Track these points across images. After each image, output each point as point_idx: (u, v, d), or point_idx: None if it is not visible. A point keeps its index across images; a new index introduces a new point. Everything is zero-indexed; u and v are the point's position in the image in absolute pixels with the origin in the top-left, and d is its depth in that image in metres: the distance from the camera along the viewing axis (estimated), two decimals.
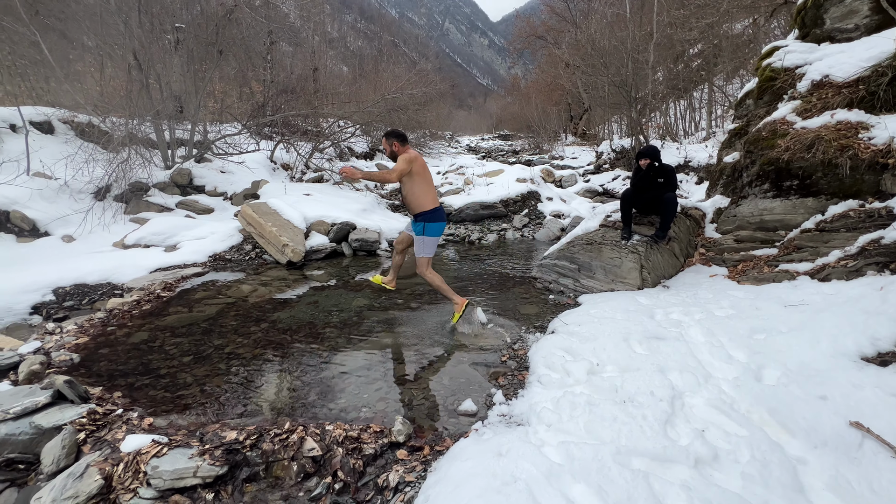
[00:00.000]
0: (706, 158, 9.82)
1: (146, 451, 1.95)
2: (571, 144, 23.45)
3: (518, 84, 37.92)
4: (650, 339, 2.85)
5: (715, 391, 2.21)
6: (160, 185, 8.13)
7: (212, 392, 2.72)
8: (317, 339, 3.54)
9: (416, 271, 3.64)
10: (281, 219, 6.28)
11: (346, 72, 30.04)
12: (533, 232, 8.78)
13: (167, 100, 8.88)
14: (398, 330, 3.71)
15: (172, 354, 3.23)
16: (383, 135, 3.49)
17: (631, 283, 4.27)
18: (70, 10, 11.10)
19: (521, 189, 9.84)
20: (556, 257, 5.04)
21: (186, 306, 4.21)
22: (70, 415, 2.23)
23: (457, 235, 8.24)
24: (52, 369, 2.78)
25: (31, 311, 4.29)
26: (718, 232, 4.85)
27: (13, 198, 6.00)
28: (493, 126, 46.64)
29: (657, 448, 1.82)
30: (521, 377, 2.77)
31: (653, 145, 4.45)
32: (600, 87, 17.32)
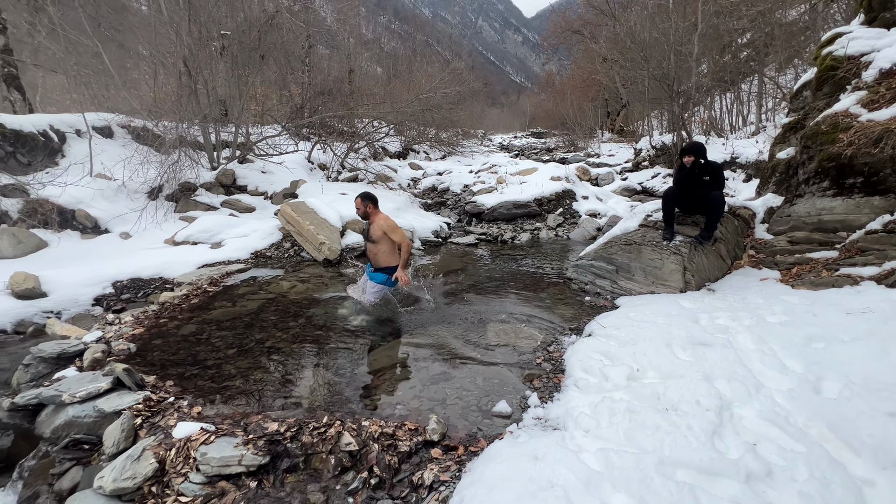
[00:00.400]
0: (755, 154, 9.27)
1: (195, 438, 2.06)
2: (608, 141, 22.77)
3: (552, 80, 37.21)
4: (695, 344, 2.72)
5: (767, 402, 2.08)
6: (206, 185, 8.56)
7: (254, 384, 2.83)
8: (351, 335, 3.61)
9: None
10: (318, 217, 6.46)
11: (380, 73, 30.52)
12: (567, 231, 8.59)
13: (213, 104, 9.34)
14: (430, 329, 3.72)
15: (218, 347, 3.39)
16: (359, 195, 3.86)
17: (673, 285, 4.09)
18: (127, 22, 11.89)
19: (555, 187, 9.64)
20: (593, 258, 4.90)
21: (230, 301, 4.41)
22: (128, 401, 2.38)
23: (489, 235, 8.19)
24: (111, 357, 2.99)
25: (94, 302, 4.63)
26: (770, 233, 4.56)
27: (79, 197, 6.49)
28: (526, 124, 46.07)
29: (704, 460, 1.73)
30: (556, 380, 2.72)
31: (698, 142, 4.24)
32: (639, 82, 16.70)
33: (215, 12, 9.92)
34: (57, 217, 6.18)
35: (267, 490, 1.94)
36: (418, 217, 8.19)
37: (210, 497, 1.86)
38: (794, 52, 11.97)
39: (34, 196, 6.24)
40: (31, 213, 6.02)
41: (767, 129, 10.93)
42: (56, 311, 4.34)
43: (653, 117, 20.32)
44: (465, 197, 10.65)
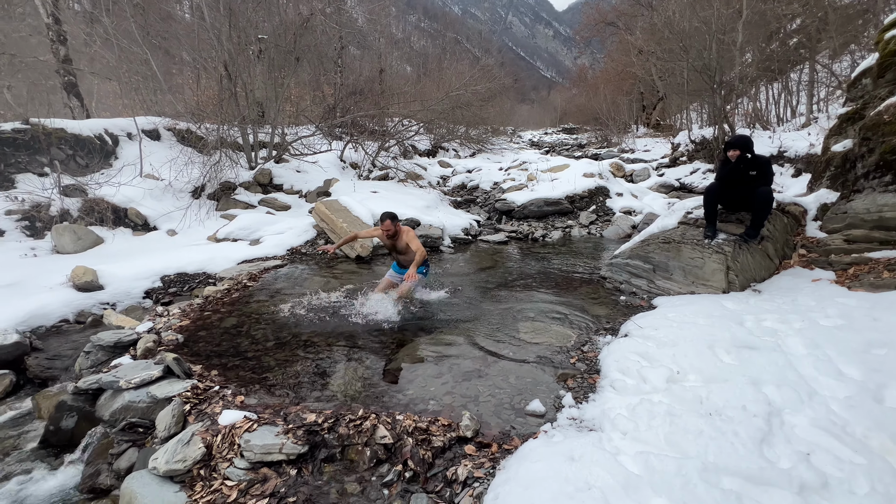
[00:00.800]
0: (806, 147, 8.71)
1: (240, 425, 2.15)
2: (643, 136, 22.04)
3: (585, 74, 36.31)
4: (740, 347, 2.59)
5: (822, 410, 1.96)
6: (245, 184, 8.91)
7: (291, 375, 2.93)
8: (383, 331, 3.67)
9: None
10: (351, 215, 6.59)
11: (410, 72, 30.75)
12: (601, 229, 8.39)
13: (251, 106, 9.69)
14: (461, 326, 3.73)
15: (257, 339, 3.53)
16: (385, 218, 4.10)
17: (714, 285, 3.92)
18: (172, 30, 12.49)
19: (588, 184, 9.43)
20: (629, 256, 4.77)
21: (268, 296, 4.58)
22: (178, 388, 2.52)
23: (519, 232, 8.11)
24: (161, 347, 3.17)
25: (144, 295, 4.92)
26: (823, 231, 4.29)
27: (130, 196, 6.91)
28: (556, 120, 45.23)
29: (752, 468, 1.65)
30: (591, 380, 2.66)
31: (744, 135, 4.03)
32: (678, 74, 16.03)
33: (253, 17, 10.29)
34: (111, 215, 6.60)
35: (306, 478, 2.00)
36: (448, 215, 8.21)
37: (253, 482, 1.94)
38: (850, 37, 11.16)
39: (91, 195, 6.69)
40: (89, 211, 6.46)
41: (819, 120, 10.25)
42: (111, 303, 4.65)
43: (692, 110, 19.47)
44: (495, 194, 10.59)
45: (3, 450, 2.80)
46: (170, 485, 1.94)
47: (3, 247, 5.62)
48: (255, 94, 10.25)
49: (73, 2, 14.06)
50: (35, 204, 6.22)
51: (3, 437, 2.98)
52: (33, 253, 5.65)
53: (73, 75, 11.39)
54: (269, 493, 1.89)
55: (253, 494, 1.89)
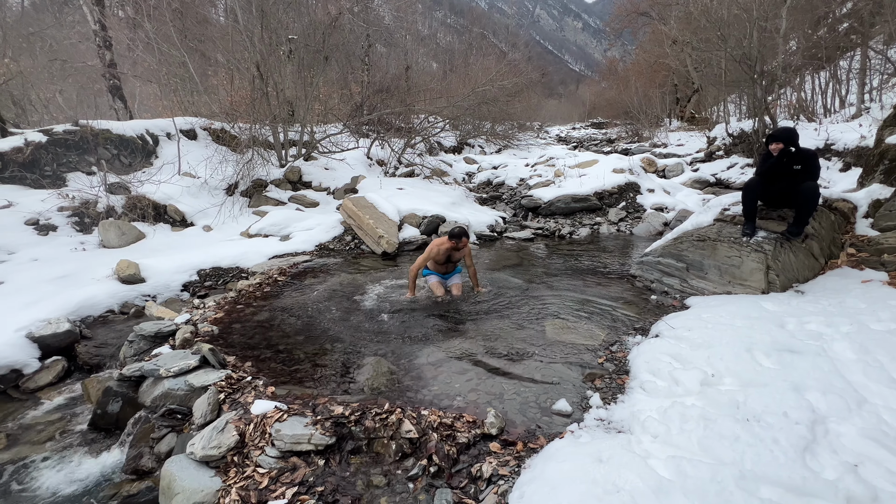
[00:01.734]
0: (856, 140, 8.17)
1: (271, 415, 2.22)
2: (677, 130, 21.24)
3: (615, 67, 35.29)
4: (780, 351, 2.46)
5: (872, 420, 1.84)
6: (275, 181, 9.16)
7: (320, 368, 3.00)
8: (409, 326, 3.70)
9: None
10: (377, 212, 6.67)
11: (436, 68, 30.74)
12: (630, 226, 8.16)
13: (282, 105, 9.94)
14: (486, 323, 3.71)
15: (288, 332, 3.63)
16: (461, 235, 4.28)
17: (753, 285, 3.74)
18: (208, 33, 12.94)
19: (617, 180, 9.18)
20: (660, 254, 4.61)
21: (298, 290, 4.70)
22: (213, 377, 2.63)
23: (546, 229, 7.99)
24: (198, 338, 3.31)
25: (182, 288, 5.15)
26: (876, 229, 4.01)
27: (169, 194, 7.24)
28: (585, 114, 44.21)
29: (793, 478, 1.57)
30: (620, 381, 2.60)
31: (788, 127, 3.81)
32: (714, 64, 15.35)
33: (284, 18, 10.53)
34: (152, 211, 6.93)
35: (333, 469, 2.05)
36: (473, 212, 8.18)
37: (283, 471, 2.00)
38: None
39: (134, 193, 7.05)
40: (132, 207, 6.81)
41: (872, 110, 9.59)
42: (152, 295, 4.89)
43: (729, 102, 18.62)
44: (521, 191, 10.46)
45: (55, 431, 3.00)
46: (206, 469, 2.03)
47: (56, 241, 6.00)
48: (285, 93, 10.52)
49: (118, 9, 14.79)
50: (84, 201, 6.60)
51: (55, 419, 3.20)
52: (82, 247, 6.00)
53: (117, 79, 11.99)
54: (298, 482, 1.94)
55: (283, 482, 1.95)
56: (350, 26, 13.94)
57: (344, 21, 11.26)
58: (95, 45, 11.79)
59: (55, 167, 7.86)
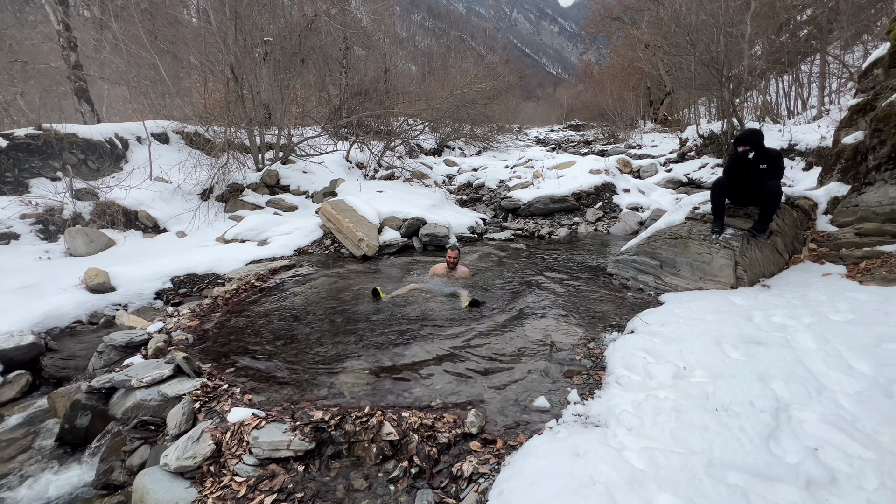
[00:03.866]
0: (817, 140, 8.58)
1: (248, 423, 2.19)
2: (651, 132, 21.82)
3: (591, 70, 36.02)
4: (748, 343, 2.57)
5: (831, 406, 1.94)
6: (252, 185, 8.99)
7: (299, 373, 2.96)
8: (389, 329, 3.69)
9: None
10: (357, 215, 6.63)
11: (415, 71, 30.74)
12: (608, 226, 8.34)
13: (258, 108, 9.78)
14: (466, 325, 3.74)
15: (266, 339, 3.57)
16: (455, 248, 5.04)
17: (723, 281, 3.88)
18: (180, 34, 12.63)
19: (594, 181, 9.38)
20: (635, 252, 4.74)
21: (276, 295, 4.63)
22: (188, 386, 2.57)
23: (525, 230, 8.09)
24: (172, 347, 3.22)
25: (155, 296, 5.01)
26: (834, 224, 4.22)
27: (140, 199, 7.02)
28: (563, 116, 44.93)
29: (758, 464, 1.64)
30: (597, 377, 2.66)
31: (754, 129, 3.97)
32: (685, 68, 15.85)
33: (259, 20, 10.37)
34: (122, 218, 6.71)
35: (313, 474, 2.03)
36: (454, 213, 8.22)
37: (262, 478, 1.97)
38: (862, 27, 10.95)
39: (103, 199, 6.81)
40: (101, 214, 6.57)
41: (831, 112, 10.08)
42: (123, 304, 4.74)
43: (700, 105, 19.25)
44: (501, 192, 10.57)
45: (20, 448, 2.87)
46: (180, 480, 1.98)
47: (19, 250, 5.74)
48: (261, 96, 10.35)
49: (83, 8, 14.28)
50: (48, 208, 6.34)
51: (19, 435, 3.06)
52: (47, 256, 5.76)
53: (83, 81, 11.56)
54: (277, 489, 1.92)
55: (261, 490, 1.92)
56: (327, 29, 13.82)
57: (321, 23, 11.15)
58: (59, 46, 11.36)
59: (17, 173, 7.52)
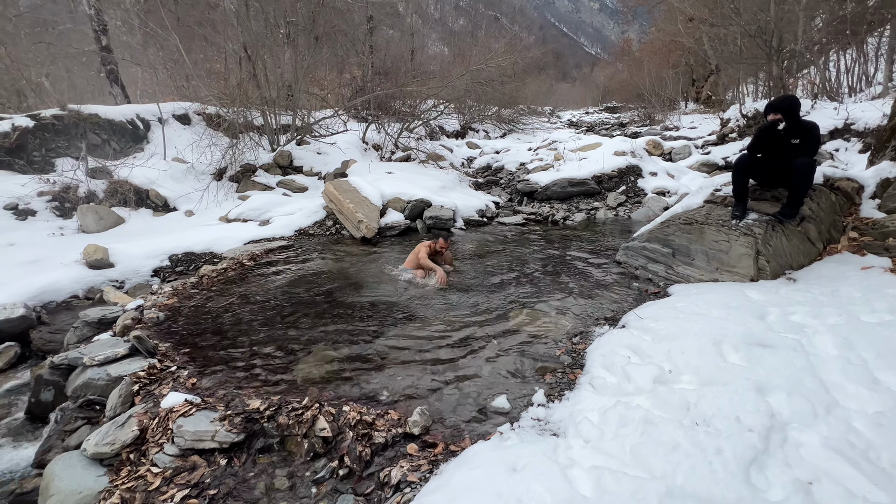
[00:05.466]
0: (877, 119, 7.59)
1: (177, 409, 2.06)
2: (692, 112, 20.39)
3: (629, 48, 34.01)
4: (752, 345, 2.18)
5: (840, 428, 1.57)
6: (265, 166, 8.99)
7: (261, 357, 2.81)
8: (368, 315, 3.49)
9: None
10: (359, 196, 6.45)
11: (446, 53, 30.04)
12: (629, 211, 7.78)
13: (272, 88, 9.72)
14: (452, 312, 3.49)
15: (241, 319, 3.46)
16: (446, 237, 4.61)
17: (741, 272, 3.42)
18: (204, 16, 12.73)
19: (618, 163, 8.76)
20: (647, 239, 4.30)
21: (264, 276, 4.53)
22: (135, 367, 2.48)
23: (539, 214, 7.66)
24: (140, 325, 3.17)
25: (152, 273, 5.04)
26: (883, 210, 3.63)
27: (151, 178, 7.13)
28: (598, 98, 43.04)
29: (729, 497, 1.32)
30: (571, 376, 2.36)
31: (789, 96, 3.42)
32: (731, 41, 14.53)
33: None
34: (133, 196, 6.84)
35: (236, 469, 1.87)
36: (464, 196, 7.89)
37: (180, 470, 1.84)
38: None
39: (116, 178, 6.96)
40: (113, 192, 6.73)
41: None
42: (120, 281, 4.79)
43: (749, 83, 17.70)
44: (519, 175, 10.14)
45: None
46: (96, 468, 1.88)
47: (34, 226, 5.95)
48: (284, 76, 10.28)
49: None
50: (65, 186, 6.54)
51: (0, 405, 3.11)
52: (61, 232, 5.95)
53: (114, 64, 11.92)
54: (192, 483, 1.77)
55: (176, 483, 1.78)
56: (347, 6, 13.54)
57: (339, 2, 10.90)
58: (92, 31, 11.70)
59: (44, 152, 7.82)
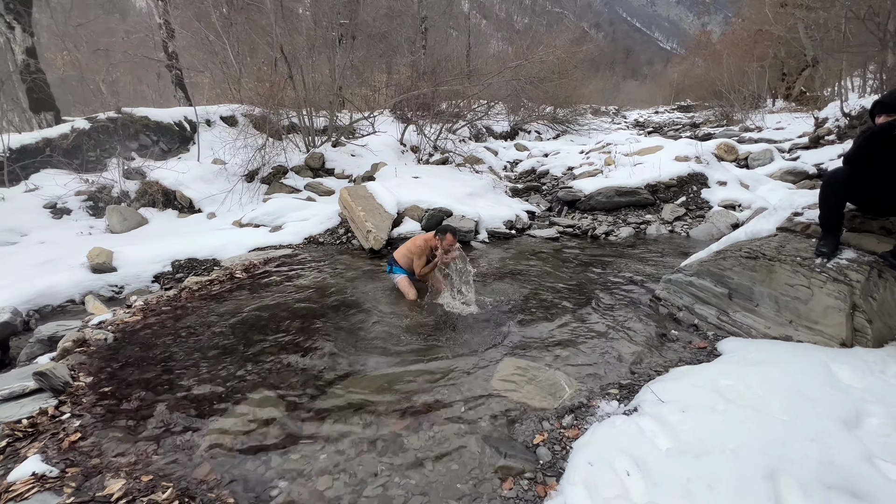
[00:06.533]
0: None
1: (16, 488, 1.64)
2: (780, 111, 17.85)
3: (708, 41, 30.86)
4: (831, 490, 1.34)
5: None
6: (296, 168, 8.88)
7: (185, 406, 2.37)
8: (332, 351, 2.96)
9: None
10: (373, 203, 6.00)
11: (511, 52, 29.17)
12: (688, 227, 6.63)
13: (309, 90, 9.63)
14: (430, 354, 2.86)
15: (201, 345, 3.07)
16: (448, 231, 3.63)
17: (827, 332, 2.45)
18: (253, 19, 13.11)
19: (678, 170, 7.57)
20: (695, 272, 3.36)
21: (251, 291, 4.19)
22: (25, 412, 2.15)
23: (577, 227, 6.75)
24: (81, 348, 2.89)
25: (153, 279, 4.93)
26: None
27: (180, 180, 7.22)
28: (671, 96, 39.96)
29: None
30: (541, 490, 1.64)
31: None
32: (832, 26, 12.32)
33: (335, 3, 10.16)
34: (161, 197, 6.95)
35: None
36: (493, 204, 7.18)
37: None
38: None
39: (149, 178, 7.12)
40: (143, 193, 6.87)
41: None
42: (120, 286, 4.71)
43: (855, 76, 15.05)
44: (564, 181, 9.21)
45: None
46: None
47: (67, 225, 6.17)
48: (332, 77, 10.20)
49: None
50: (101, 186, 6.76)
51: None
52: (89, 231, 6.11)
53: (179, 70, 12.62)
54: None
55: None
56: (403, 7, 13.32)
57: None
58: (160, 40, 12.45)
59: (98, 153, 8.26)
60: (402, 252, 3.87)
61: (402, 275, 3.94)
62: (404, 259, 3.86)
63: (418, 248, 3.71)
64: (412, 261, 3.78)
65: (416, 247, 3.73)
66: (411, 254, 3.77)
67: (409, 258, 3.81)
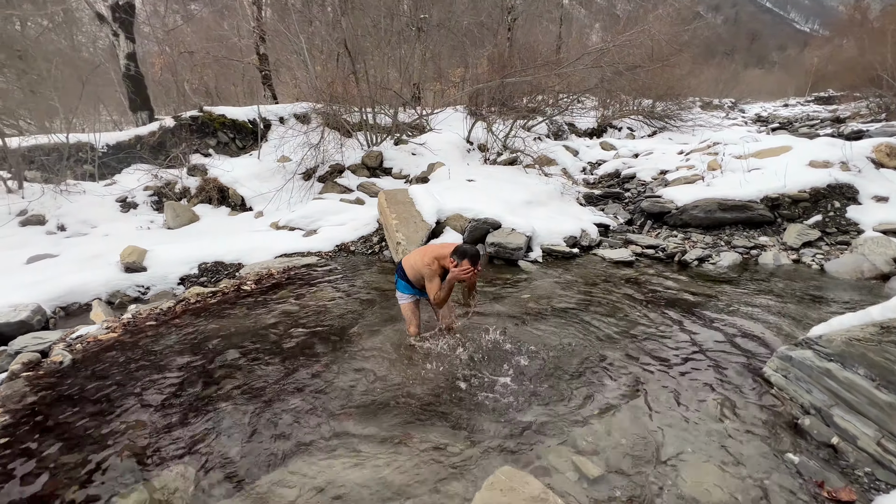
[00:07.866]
0: None
1: None
2: None
3: (864, 17, 25.02)
4: None
5: None
6: (352, 167, 8.60)
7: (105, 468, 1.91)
8: (303, 409, 2.33)
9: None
10: (411, 210, 5.32)
11: (603, 40, 26.80)
12: (823, 258, 4.93)
13: (373, 86, 9.30)
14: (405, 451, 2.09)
15: (151, 383, 2.63)
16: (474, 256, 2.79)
17: None
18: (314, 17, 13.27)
19: (813, 178, 5.76)
20: (839, 354, 2.11)
21: (251, 308, 3.76)
22: None
23: (661, 249, 5.37)
24: (31, 371, 2.61)
25: (179, 281, 4.80)
26: None
27: (236, 177, 7.27)
28: (806, 86, 33.77)
29: None
30: None
31: None
32: None
33: None
34: (216, 194, 7.04)
35: None
36: (554, 214, 6.07)
37: None
38: None
39: (209, 175, 7.28)
40: (201, 190, 7.02)
41: None
42: (146, 287, 4.63)
43: None
44: (652, 188, 7.71)
45: None
46: None
47: (132, 219, 6.48)
48: (413, 75, 9.85)
49: None
50: (167, 182, 7.05)
51: None
52: (148, 226, 6.34)
53: (268, 70, 13.27)
54: None
55: None
56: None
57: None
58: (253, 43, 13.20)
59: (182, 148, 8.80)
60: (412, 261, 2.97)
61: (407, 298, 3.13)
62: (413, 272, 2.99)
63: (427, 266, 2.85)
64: (421, 276, 2.95)
65: (424, 264, 2.87)
66: (421, 270, 2.90)
67: (417, 272, 2.98)
